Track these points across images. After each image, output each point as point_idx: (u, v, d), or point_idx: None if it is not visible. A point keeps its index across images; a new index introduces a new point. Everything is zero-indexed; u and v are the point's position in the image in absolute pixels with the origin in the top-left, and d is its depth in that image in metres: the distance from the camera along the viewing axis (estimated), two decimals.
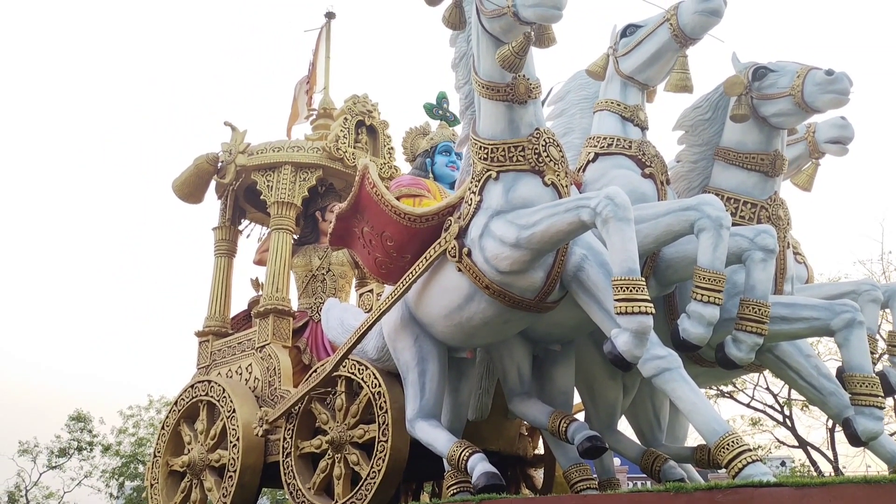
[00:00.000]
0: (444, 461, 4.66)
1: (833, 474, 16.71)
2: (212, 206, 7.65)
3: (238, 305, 7.57)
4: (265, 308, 6.66)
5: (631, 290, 3.42)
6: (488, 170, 4.10)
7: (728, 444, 3.45)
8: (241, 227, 7.73)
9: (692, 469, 5.35)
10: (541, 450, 6.50)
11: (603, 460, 5.19)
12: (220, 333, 7.15)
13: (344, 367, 5.36)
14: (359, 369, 5.34)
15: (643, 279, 3.49)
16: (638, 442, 5.24)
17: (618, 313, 3.46)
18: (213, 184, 7.39)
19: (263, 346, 6.53)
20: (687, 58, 4.60)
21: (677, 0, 4.41)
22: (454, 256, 4.22)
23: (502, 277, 4.05)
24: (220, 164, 7.23)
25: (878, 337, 5.51)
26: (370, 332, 5.04)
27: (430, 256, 4.39)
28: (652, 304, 3.46)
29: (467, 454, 4.41)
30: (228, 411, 6.08)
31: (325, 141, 7.12)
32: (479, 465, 4.32)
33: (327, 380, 5.36)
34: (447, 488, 4.76)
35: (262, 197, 7.06)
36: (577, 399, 5.27)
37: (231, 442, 6.00)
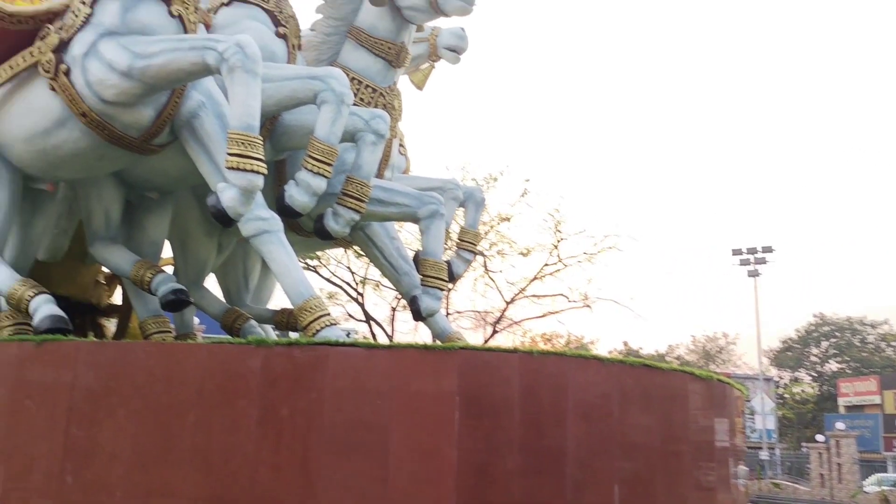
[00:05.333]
0: (1, 300, 4.18)
1: None
2: None
3: None
4: None
5: (246, 147, 3.34)
6: None
7: (311, 308, 3.64)
8: None
9: (271, 330, 5.58)
10: (116, 300, 6.17)
11: (184, 315, 5.14)
12: None
13: None
14: None
15: (260, 138, 3.43)
16: (223, 300, 5.28)
17: (228, 168, 3.36)
18: None
19: None
20: None
21: None
22: (48, 72, 3.66)
23: (105, 107, 3.63)
24: None
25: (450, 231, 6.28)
26: None
27: (17, 66, 3.76)
28: (265, 164, 3.43)
29: (31, 294, 4.00)
30: None
31: None
32: (45, 307, 3.96)
33: None
34: (0, 329, 4.28)
35: None
36: (167, 254, 5.10)
37: None
